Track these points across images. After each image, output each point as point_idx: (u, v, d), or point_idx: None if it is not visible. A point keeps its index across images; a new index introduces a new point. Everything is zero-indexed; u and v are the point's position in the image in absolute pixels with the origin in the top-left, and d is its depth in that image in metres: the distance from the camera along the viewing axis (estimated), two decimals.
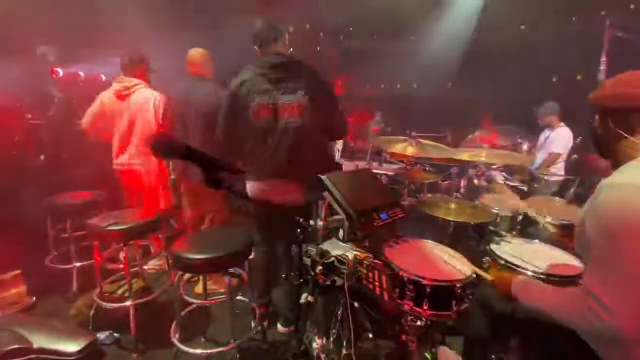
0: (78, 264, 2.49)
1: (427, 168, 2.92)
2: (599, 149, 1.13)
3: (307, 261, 1.33)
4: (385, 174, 2.73)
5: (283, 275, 1.46)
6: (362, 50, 8.86)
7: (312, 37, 8.90)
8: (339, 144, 7.37)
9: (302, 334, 1.27)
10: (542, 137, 3.60)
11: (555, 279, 1.48)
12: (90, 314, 2.12)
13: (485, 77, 7.54)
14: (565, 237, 1.68)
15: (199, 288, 2.37)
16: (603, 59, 3.16)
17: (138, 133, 2.44)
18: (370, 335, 1.87)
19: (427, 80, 8.93)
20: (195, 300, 1.87)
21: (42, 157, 3.66)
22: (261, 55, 1.82)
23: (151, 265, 2.85)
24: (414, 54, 8.43)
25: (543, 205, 2.07)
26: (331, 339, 1.70)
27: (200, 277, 2.13)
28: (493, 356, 1.78)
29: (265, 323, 2.06)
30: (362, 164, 3.20)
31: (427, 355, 1.84)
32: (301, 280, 1.28)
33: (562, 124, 3.45)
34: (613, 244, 0.87)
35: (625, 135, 1.01)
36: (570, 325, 0.99)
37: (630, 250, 0.85)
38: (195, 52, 2.51)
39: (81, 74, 4.06)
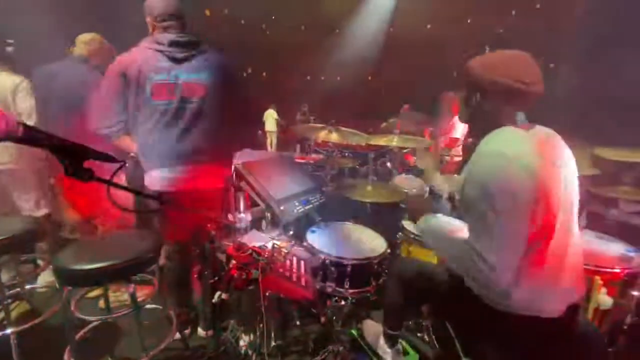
0: None
1: (346, 154, 3.04)
2: (473, 125, 1.22)
3: (222, 257, 1.24)
4: (308, 162, 2.75)
5: (196, 276, 1.33)
6: (286, 41, 8.75)
7: (231, 23, 8.44)
8: (273, 137, 7.22)
9: (219, 335, 1.19)
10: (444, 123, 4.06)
11: None
12: None
13: (399, 70, 8.20)
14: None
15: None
16: (487, 51, 3.66)
17: None
18: (298, 323, 1.88)
19: (350, 73, 9.30)
20: (92, 318, 1.61)
21: None
22: (157, 31, 1.64)
23: (41, 283, 2.38)
24: (337, 47, 8.67)
25: (445, 182, 2.32)
26: (257, 333, 1.65)
27: (102, 291, 1.85)
28: (410, 322, 1.97)
29: (188, 330, 1.89)
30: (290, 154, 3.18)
31: (354, 331, 1.93)
32: (215, 278, 1.18)
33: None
34: (491, 206, 0.97)
35: (496, 116, 1.09)
36: (462, 272, 1.10)
37: (507, 212, 0.96)
38: (84, 34, 2.18)
39: None
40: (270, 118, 7.20)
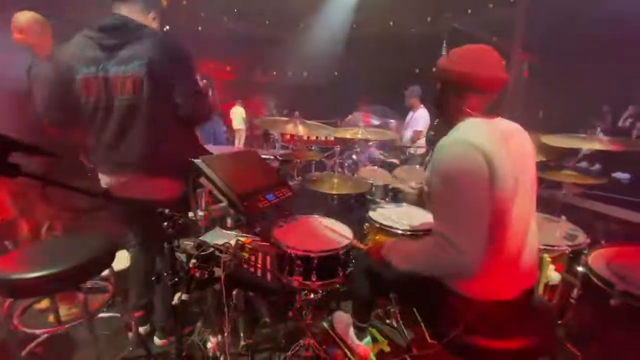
0: None
1: (313, 148, 3.03)
2: (440, 115, 1.28)
3: (182, 257, 1.18)
4: (275, 156, 2.70)
5: (153, 278, 1.23)
6: (250, 35, 8.54)
7: (191, 14, 8.08)
8: (240, 137, 7.00)
9: (181, 339, 1.13)
10: (407, 117, 4.19)
11: (419, 233, 1.73)
12: None
13: (364, 66, 8.34)
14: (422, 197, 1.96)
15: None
16: (444, 47, 3.83)
17: None
18: (267, 320, 1.85)
19: (316, 69, 9.30)
20: (39, 331, 1.47)
21: None
22: None
23: None
24: (302, 42, 8.62)
25: (409, 174, 2.39)
26: (226, 333, 1.60)
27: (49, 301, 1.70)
28: (379, 310, 2.01)
29: (146, 327, 1.79)
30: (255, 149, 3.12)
31: (325, 323, 1.94)
32: (175, 279, 1.12)
33: (422, 106, 4.07)
34: (454, 191, 1.02)
35: (462, 107, 1.15)
36: (431, 269, 1.13)
37: (469, 195, 1.00)
38: (20, 16, 1.92)
39: None
40: (237, 114, 6.98)
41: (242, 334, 1.72)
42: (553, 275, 1.63)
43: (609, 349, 1.46)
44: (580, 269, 1.56)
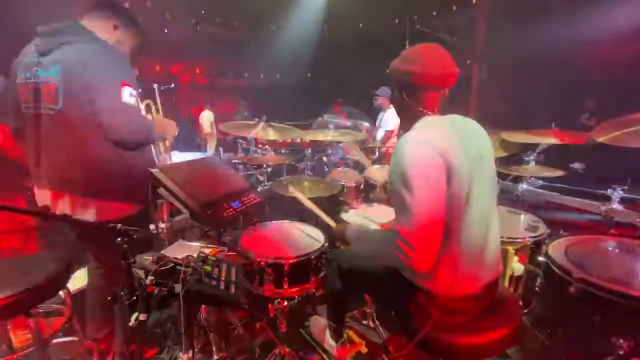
0: None
1: (283, 151, 3.00)
2: (399, 116, 1.30)
3: (140, 273, 1.11)
4: (243, 161, 2.64)
5: (109, 298, 1.13)
6: (219, 37, 8.36)
7: (156, 17, 7.80)
8: (210, 142, 6.78)
9: None
10: (378, 117, 4.25)
11: None
12: None
13: (336, 68, 8.39)
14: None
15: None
16: (407, 48, 3.94)
17: None
18: (241, 331, 1.80)
19: (289, 71, 9.25)
20: None
21: None
22: None
23: None
24: (273, 44, 8.53)
25: (381, 173, 2.41)
26: (196, 349, 1.53)
27: None
28: (355, 311, 2.00)
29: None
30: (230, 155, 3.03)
31: (301, 330, 1.91)
32: (133, 298, 1.05)
33: (391, 106, 4.13)
34: (411, 189, 1.01)
35: (418, 107, 1.17)
36: (385, 259, 1.17)
37: (424, 193, 1.01)
38: None
39: None
40: (205, 119, 6.78)
41: (214, 348, 1.66)
42: (517, 266, 1.69)
43: (573, 335, 1.51)
44: (541, 258, 1.61)
